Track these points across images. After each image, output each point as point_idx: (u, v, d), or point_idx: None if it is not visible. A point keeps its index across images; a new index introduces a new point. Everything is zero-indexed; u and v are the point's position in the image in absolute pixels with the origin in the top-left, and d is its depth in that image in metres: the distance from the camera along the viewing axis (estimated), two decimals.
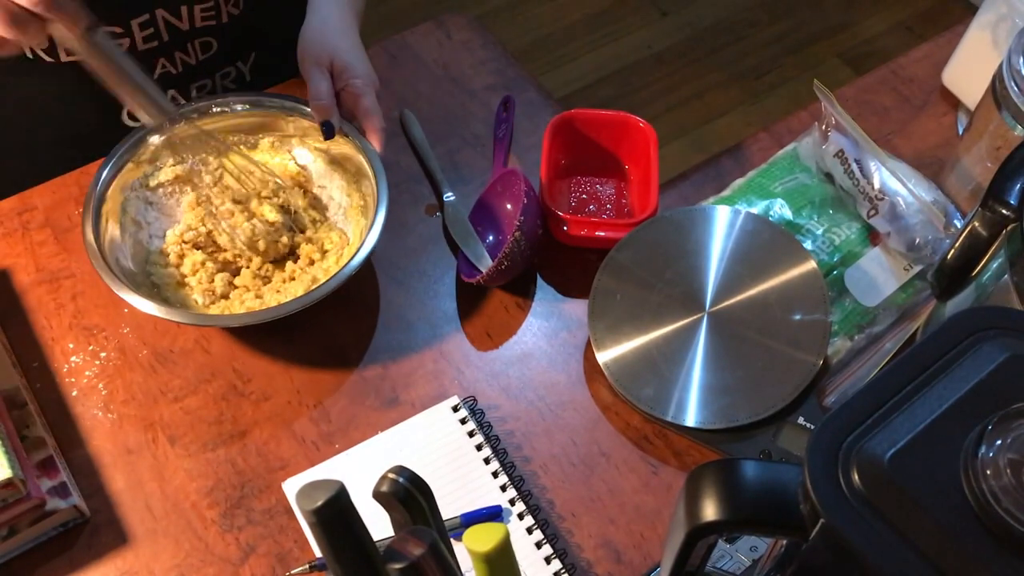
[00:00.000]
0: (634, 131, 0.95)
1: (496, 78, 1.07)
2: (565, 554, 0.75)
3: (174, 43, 0.98)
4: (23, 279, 0.90)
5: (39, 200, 0.95)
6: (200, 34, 0.99)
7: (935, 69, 1.07)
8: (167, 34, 0.96)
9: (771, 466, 0.44)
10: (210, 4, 0.96)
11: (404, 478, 0.50)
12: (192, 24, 0.97)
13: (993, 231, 0.62)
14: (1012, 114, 0.82)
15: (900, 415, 0.40)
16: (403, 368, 0.86)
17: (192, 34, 0.98)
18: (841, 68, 2.33)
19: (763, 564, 0.60)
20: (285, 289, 0.87)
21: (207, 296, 0.87)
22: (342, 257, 0.88)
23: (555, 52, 2.36)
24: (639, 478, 0.80)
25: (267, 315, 0.81)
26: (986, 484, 0.37)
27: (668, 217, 0.86)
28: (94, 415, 0.82)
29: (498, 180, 0.94)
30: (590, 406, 0.84)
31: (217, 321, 0.84)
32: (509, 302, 0.90)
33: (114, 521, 0.77)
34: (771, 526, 0.44)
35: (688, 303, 0.83)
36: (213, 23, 0.98)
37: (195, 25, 0.97)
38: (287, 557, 0.75)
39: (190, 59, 1.01)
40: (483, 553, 0.51)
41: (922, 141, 1.02)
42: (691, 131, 2.20)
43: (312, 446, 0.81)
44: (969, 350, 0.42)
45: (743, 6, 2.46)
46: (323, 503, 0.44)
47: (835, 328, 0.84)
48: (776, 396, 0.79)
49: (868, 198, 0.87)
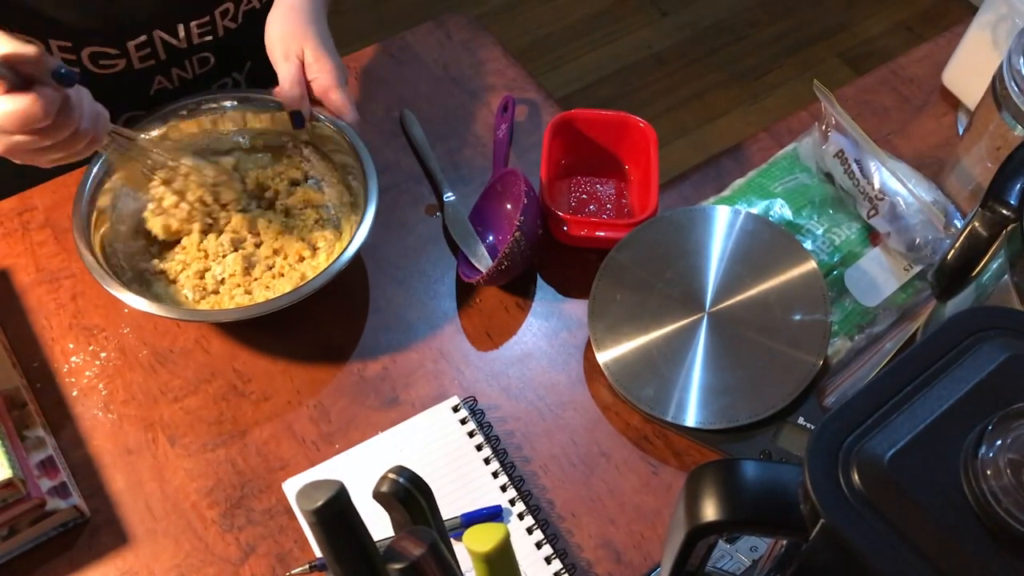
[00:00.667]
0: (634, 131, 0.95)
1: (496, 78, 1.07)
2: (565, 554, 0.75)
3: (171, 61, 0.98)
4: (23, 279, 0.90)
5: (39, 200, 0.95)
6: (198, 50, 0.99)
7: (935, 69, 1.07)
8: (164, 53, 0.96)
9: (771, 466, 0.44)
10: (206, 20, 0.96)
11: (404, 478, 0.50)
12: (190, 42, 0.97)
13: (993, 231, 0.62)
14: (1012, 114, 0.82)
15: (900, 415, 0.40)
16: (403, 368, 0.86)
17: (190, 51, 0.98)
18: (841, 68, 2.33)
19: (763, 564, 0.60)
20: (274, 285, 0.87)
21: (197, 292, 0.87)
22: (332, 253, 0.88)
23: (555, 52, 2.36)
24: (639, 478, 0.80)
25: (255, 311, 0.81)
26: (986, 484, 0.37)
27: (668, 217, 0.86)
28: (94, 415, 0.82)
29: (498, 180, 0.94)
30: (590, 406, 0.84)
31: (206, 316, 0.84)
32: (509, 302, 0.90)
33: (114, 521, 0.77)
34: (771, 526, 0.44)
35: (688, 303, 0.83)
36: (210, 39, 0.98)
37: (192, 43, 0.97)
38: (287, 557, 0.75)
39: (187, 75, 1.01)
40: (483, 553, 0.51)
41: (922, 141, 1.02)
42: (691, 131, 2.20)
43: (312, 446, 0.81)
44: (969, 350, 0.42)
45: (743, 6, 2.46)
46: (323, 503, 0.44)
47: (835, 328, 0.84)
48: (776, 396, 0.79)
49: (868, 198, 0.87)
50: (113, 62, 0.94)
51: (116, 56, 0.93)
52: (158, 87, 1.00)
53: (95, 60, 0.93)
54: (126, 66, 0.95)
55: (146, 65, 0.96)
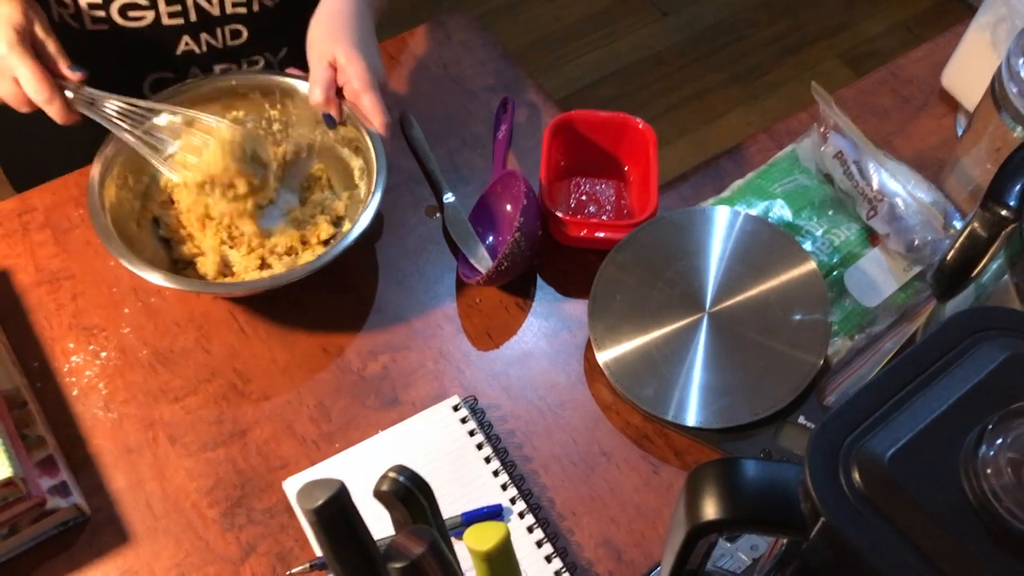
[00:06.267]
0: (634, 132, 0.96)
1: (496, 78, 1.07)
2: (566, 553, 0.76)
3: (202, 25, 0.98)
4: (23, 279, 0.90)
5: (39, 200, 0.95)
6: (231, 20, 0.99)
7: (935, 70, 1.07)
8: (195, 15, 0.97)
9: (772, 465, 0.44)
10: None
11: (405, 477, 0.50)
12: (223, 10, 0.97)
13: (993, 232, 0.62)
14: (1011, 115, 0.82)
15: (900, 415, 0.40)
16: (403, 368, 0.86)
17: (223, 20, 0.98)
18: (841, 69, 2.33)
19: (763, 563, 0.60)
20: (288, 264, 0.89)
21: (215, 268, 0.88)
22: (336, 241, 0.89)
23: (555, 52, 2.36)
24: (640, 477, 0.80)
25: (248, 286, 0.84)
26: (986, 483, 0.37)
27: (668, 218, 0.87)
28: (94, 415, 0.82)
29: (498, 181, 0.94)
30: (590, 406, 0.84)
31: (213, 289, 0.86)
32: (509, 302, 0.90)
33: (114, 520, 0.77)
34: (772, 525, 0.44)
35: (688, 303, 0.83)
36: (244, 11, 0.99)
37: (226, 12, 0.98)
38: (287, 556, 0.75)
39: (216, 43, 1.01)
40: (484, 552, 0.52)
41: (922, 142, 1.03)
42: (691, 131, 2.20)
43: (312, 445, 0.81)
44: (969, 350, 0.42)
45: (743, 6, 2.46)
46: (323, 502, 0.44)
47: (835, 328, 0.84)
48: (776, 396, 0.79)
49: (867, 199, 0.87)
50: (142, 14, 0.95)
51: (145, 7, 0.94)
52: (185, 48, 1.00)
53: (124, 12, 0.94)
54: (154, 20, 0.95)
55: (174, 23, 0.97)
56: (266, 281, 0.84)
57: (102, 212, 0.84)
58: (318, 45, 0.88)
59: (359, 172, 0.92)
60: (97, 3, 0.93)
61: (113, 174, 0.87)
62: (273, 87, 0.95)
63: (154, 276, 0.80)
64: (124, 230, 0.86)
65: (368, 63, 0.86)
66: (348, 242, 0.82)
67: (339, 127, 0.91)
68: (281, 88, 0.94)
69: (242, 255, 0.89)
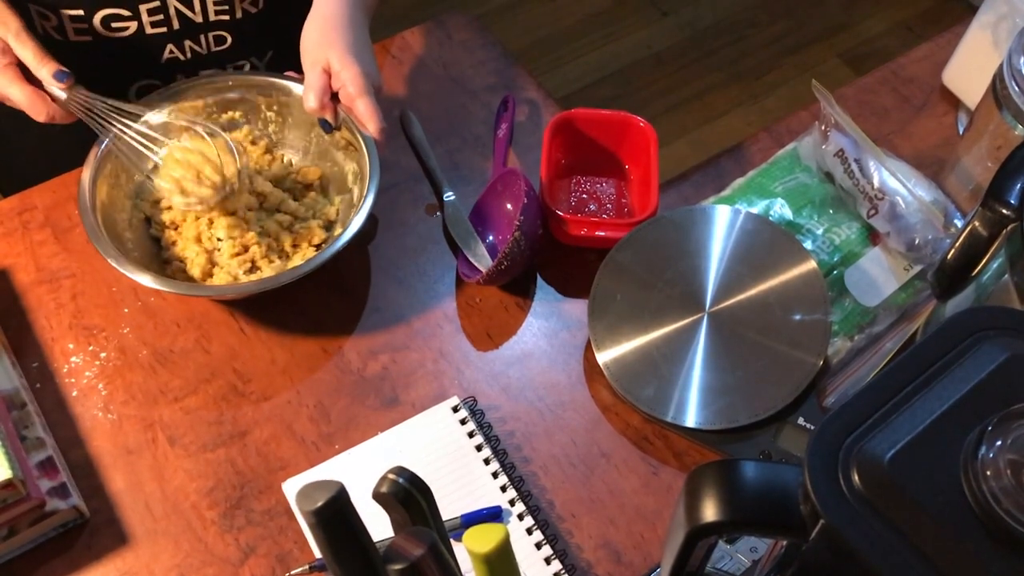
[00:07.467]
0: (634, 131, 0.95)
1: (496, 78, 1.07)
2: (565, 555, 0.75)
3: (185, 33, 0.98)
4: (23, 279, 0.90)
5: (39, 200, 0.95)
6: (214, 27, 0.99)
7: (935, 69, 1.07)
8: (179, 23, 0.97)
9: (771, 467, 0.44)
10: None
11: (404, 478, 0.50)
12: (206, 17, 0.97)
13: (993, 231, 0.62)
14: (1012, 114, 0.82)
15: (900, 415, 0.40)
16: (403, 368, 0.85)
17: (206, 27, 0.98)
18: (841, 68, 2.33)
19: (763, 565, 0.60)
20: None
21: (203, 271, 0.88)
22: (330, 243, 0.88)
23: (555, 52, 2.36)
24: (639, 479, 0.80)
25: (251, 287, 0.83)
26: (986, 485, 0.37)
27: (668, 217, 0.86)
28: (94, 415, 0.82)
29: (498, 180, 0.94)
30: (590, 406, 0.84)
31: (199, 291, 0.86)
32: (509, 302, 0.90)
33: (114, 522, 0.77)
34: (771, 527, 0.44)
35: (688, 303, 0.83)
36: (227, 18, 0.98)
37: (209, 18, 0.97)
38: (287, 558, 0.75)
39: (201, 49, 1.01)
40: (483, 554, 0.51)
41: (922, 141, 1.02)
42: (691, 131, 2.20)
43: (312, 446, 0.81)
44: (969, 350, 0.42)
45: (743, 6, 2.46)
46: (323, 504, 0.44)
47: (835, 328, 0.84)
48: (776, 396, 0.79)
49: (868, 198, 0.87)
50: (124, 24, 0.95)
51: (128, 18, 0.94)
52: (169, 56, 1.00)
53: (107, 23, 0.94)
54: (137, 30, 0.95)
55: (158, 31, 0.97)
56: (252, 285, 0.84)
57: (92, 211, 0.84)
58: (312, 51, 0.88)
59: (352, 176, 0.92)
60: (79, 15, 0.92)
61: (105, 172, 0.87)
62: (271, 89, 0.94)
63: (142, 277, 0.80)
64: (115, 229, 0.86)
65: (363, 68, 0.85)
66: (337, 247, 0.82)
67: (335, 131, 0.90)
68: (278, 90, 0.94)
69: (228, 257, 0.88)
